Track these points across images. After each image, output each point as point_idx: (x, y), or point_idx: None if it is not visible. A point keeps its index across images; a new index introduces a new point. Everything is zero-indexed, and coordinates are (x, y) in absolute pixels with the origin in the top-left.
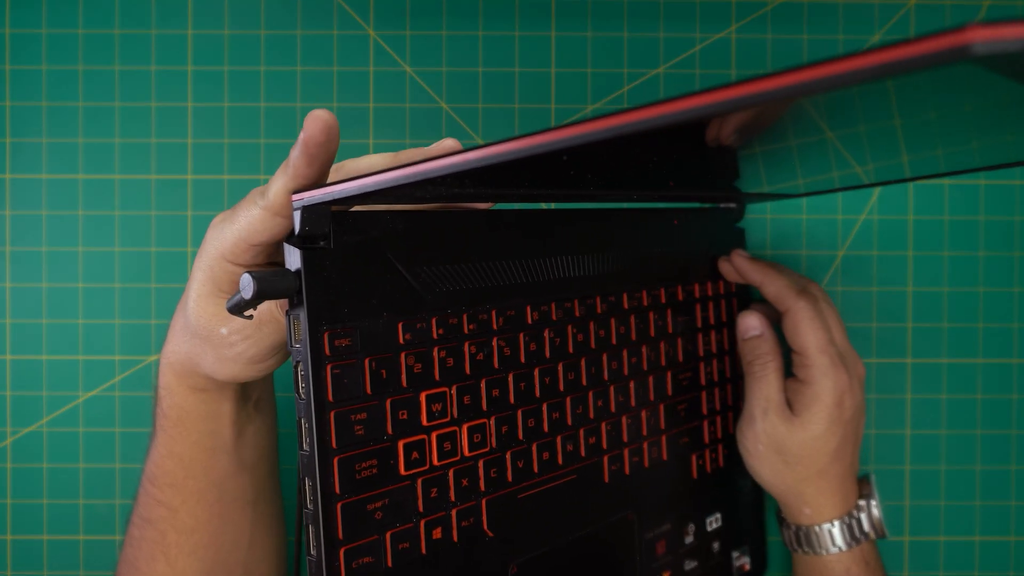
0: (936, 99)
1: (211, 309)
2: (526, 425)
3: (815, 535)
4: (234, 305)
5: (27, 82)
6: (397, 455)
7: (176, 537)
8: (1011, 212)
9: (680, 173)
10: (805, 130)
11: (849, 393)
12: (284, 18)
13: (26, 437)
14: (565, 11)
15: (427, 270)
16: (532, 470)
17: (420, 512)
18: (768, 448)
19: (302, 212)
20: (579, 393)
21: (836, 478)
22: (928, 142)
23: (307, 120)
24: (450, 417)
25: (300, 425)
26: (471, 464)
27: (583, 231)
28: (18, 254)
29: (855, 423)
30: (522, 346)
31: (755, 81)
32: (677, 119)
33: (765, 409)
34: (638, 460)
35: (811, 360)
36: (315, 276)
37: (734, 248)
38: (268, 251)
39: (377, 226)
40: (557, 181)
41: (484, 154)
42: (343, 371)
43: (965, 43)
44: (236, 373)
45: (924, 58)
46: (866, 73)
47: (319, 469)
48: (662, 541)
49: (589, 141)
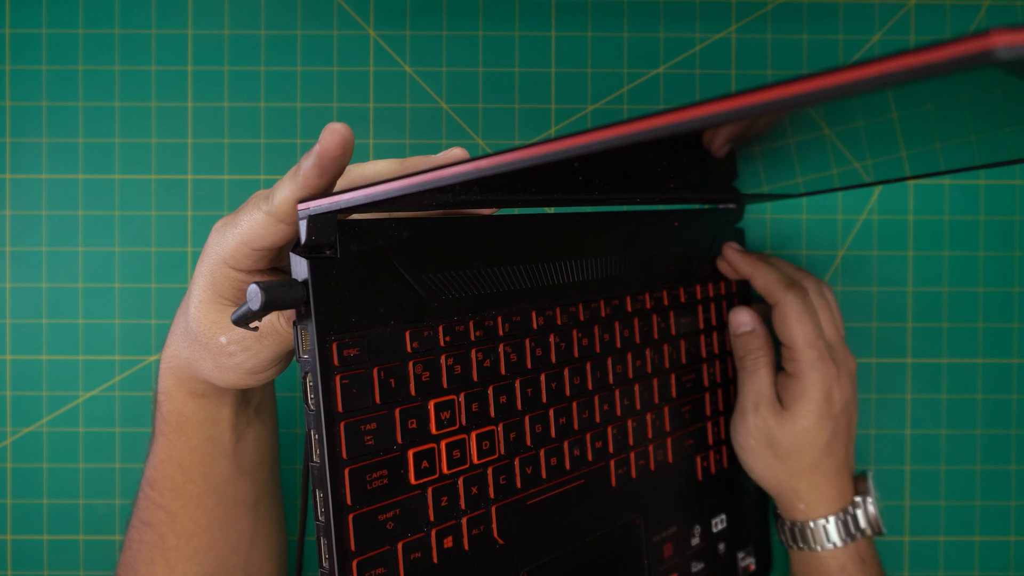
0: (942, 98)
1: (212, 316)
2: (533, 431)
3: (810, 531)
4: (240, 316)
5: (27, 82)
6: (407, 464)
7: (175, 541)
8: (1011, 212)
9: (680, 175)
10: (804, 129)
11: (838, 387)
12: (284, 18)
13: (26, 437)
14: (565, 11)
15: (432, 277)
16: (540, 476)
17: (431, 521)
18: (760, 442)
19: (308, 221)
20: (585, 397)
21: (829, 473)
22: (929, 140)
23: (324, 133)
24: (458, 425)
25: (310, 437)
26: (480, 472)
27: (585, 235)
28: (18, 254)
29: (846, 417)
30: (528, 352)
31: (774, 87)
32: (693, 126)
33: (756, 403)
34: (644, 463)
35: (799, 354)
36: (322, 286)
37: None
38: (270, 256)
39: (382, 234)
40: (560, 186)
41: (495, 162)
42: (352, 381)
43: (989, 48)
44: (235, 381)
45: (948, 63)
46: (891, 78)
47: (330, 481)
48: (669, 544)
49: (600, 149)
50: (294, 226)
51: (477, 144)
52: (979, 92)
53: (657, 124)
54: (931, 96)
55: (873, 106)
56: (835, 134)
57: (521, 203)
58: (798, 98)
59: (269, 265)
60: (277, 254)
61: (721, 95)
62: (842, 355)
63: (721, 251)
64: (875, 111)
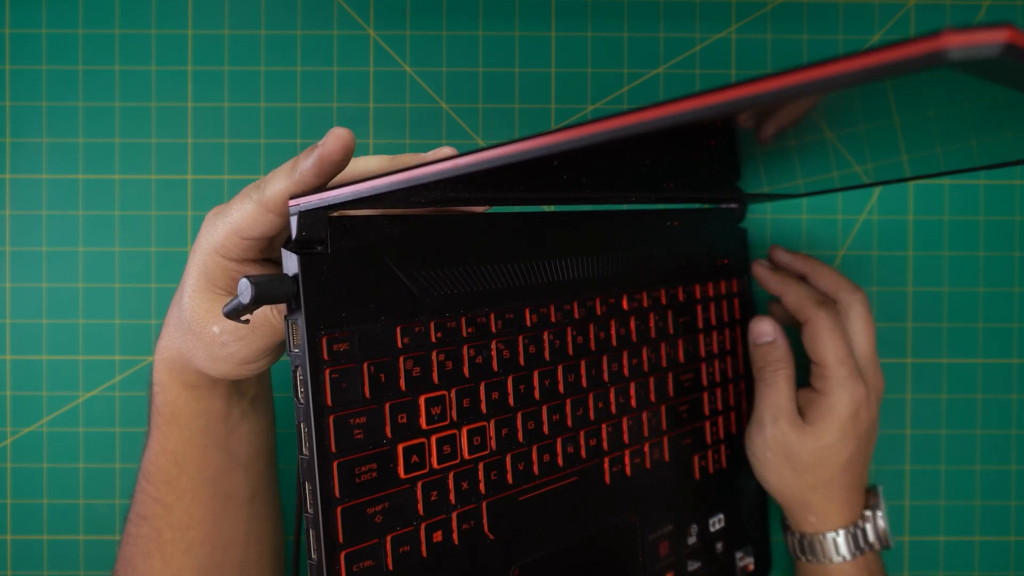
0: (931, 100)
1: (205, 305)
2: (526, 427)
3: (819, 543)
4: (231, 310)
5: (27, 82)
6: (397, 459)
7: (171, 534)
8: (1011, 212)
9: (681, 174)
10: (805, 130)
11: (865, 407)
12: (284, 18)
13: (26, 437)
14: (565, 11)
15: (424, 274)
16: (532, 472)
17: (420, 515)
18: (776, 455)
19: (299, 217)
20: (579, 395)
21: (844, 488)
22: (927, 141)
23: (329, 136)
24: (449, 420)
25: (299, 429)
26: (471, 467)
27: (582, 233)
28: (18, 254)
29: (868, 437)
30: (521, 349)
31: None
32: (669, 123)
33: (775, 416)
34: (639, 462)
35: (829, 371)
36: (313, 281)
37: (730, 251)
38: (261, 246)
39: (374, 230)
40: (555, 184)
41: (479, 159)
42: (342, 375)
43: (940, 49)
44: (227, 371)
45: (900, 64)
46: (847, 78)
47: (319, 473)
48: (665, 542)
49: (587, 144)
50: (284, 217)
51: (477, 144)
52: (952, 93)
53: (642, 119)
54: (920, 97)
55: (870, 108)
56: (836, 136)
57: (515, 201)
58: (757, 97)
59: (261, 255)
60: (269, 244)
61: (670, 99)
62: (872, 375)
63: (750, 269)
64: (872, 114)
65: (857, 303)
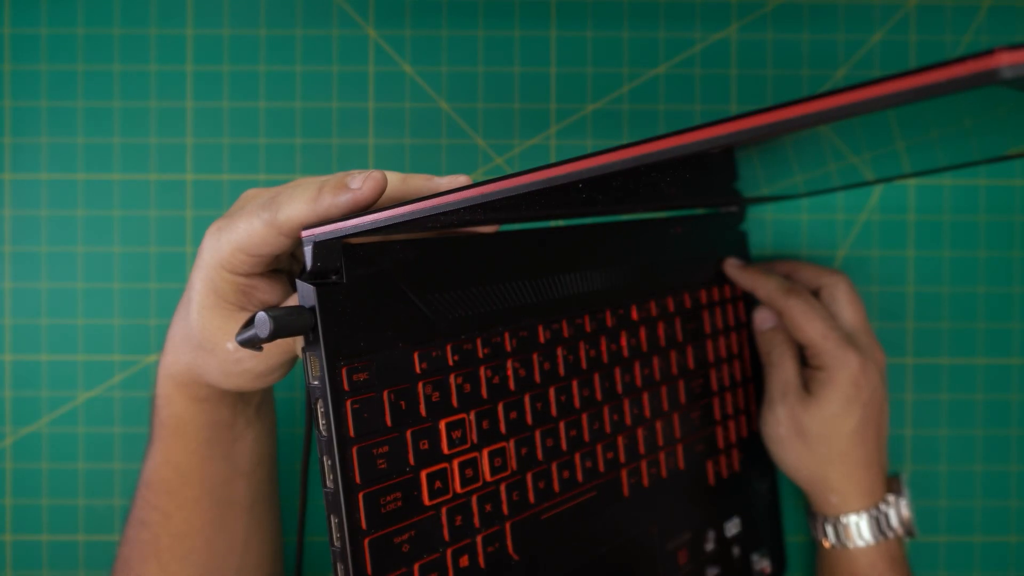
0: (944, 111)
1: (216, 322)
2: (545, 445)
3: (842, 526)
4: (247, 340)
5: (27, 82)
6: (420, 486)
7: (169, 541)
8: (1011, 212)
9: (683, 182)
10: (808, 137)
11: (863, 374)
12: (284, 18)
13: (26, 437)
14: (565, 11)
15: (438, 297)
16: (553, 489)
17: (446, 541)
18: (789, 430)
19: (314, 247)
20: (594, 409)
21: (860, 464)
22: (928, 141)
23: (367, 181)
24: (470, 443)
25: (323, 463)
26: (493, 489)
27: (588, 246)
28: (18, 254)
29: (876, 408)
30: (536, 366)
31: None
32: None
33: (784, 392)
34: (656, 471)
35: (818, 348)
36: (330, 312)
37: (731, 254)
38: (267, 261)
39: (387, 256)
40: (563, 201)
41: (501, 187)
42: (363, 405)
43: (994, 67)
44: (241, 385)
45: (953, 83)
46: (895, 98)
47: (345, 506)
48: (683, 550)
49: (608, 172)
50: (293, 238)
51: (477, 144)
52: (981, 103)
53: (667, 146)
54: (933, 109)
55: (876, 118)
56: (837, 139)
57: (524, 219)
58: (804, 118)
59: (267, 268)
60: (274, 259)
61: (703, 124)
62: (866, 343)
63: (723, 268)
64: (876, 118)
65: (840, 282)
